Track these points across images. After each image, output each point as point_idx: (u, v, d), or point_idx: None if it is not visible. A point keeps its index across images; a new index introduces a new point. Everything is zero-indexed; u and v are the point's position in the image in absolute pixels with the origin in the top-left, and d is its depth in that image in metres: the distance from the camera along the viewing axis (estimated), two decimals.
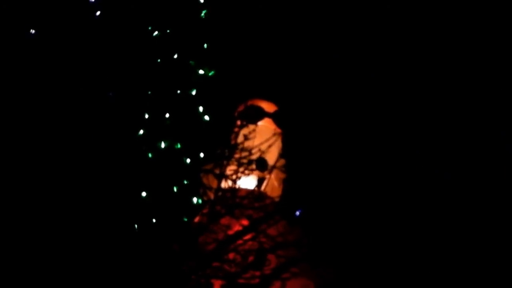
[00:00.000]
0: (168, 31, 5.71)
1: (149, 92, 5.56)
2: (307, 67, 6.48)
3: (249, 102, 5.80)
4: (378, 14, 7.41)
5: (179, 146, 5.31)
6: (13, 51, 5.63)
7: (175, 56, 5.83)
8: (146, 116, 5.59)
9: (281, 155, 5.37)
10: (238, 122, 5.38)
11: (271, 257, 4.81)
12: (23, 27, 5.69)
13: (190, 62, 5.82)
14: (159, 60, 5.72)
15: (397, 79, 7.29)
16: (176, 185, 5.21)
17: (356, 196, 6.05)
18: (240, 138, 5.20)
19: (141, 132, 5.50)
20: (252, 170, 5.26)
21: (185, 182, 5.26)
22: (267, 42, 6.42)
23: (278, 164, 5.29)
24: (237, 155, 5.06)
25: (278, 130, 5.77)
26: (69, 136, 5.36)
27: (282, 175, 5.64)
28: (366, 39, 7.28)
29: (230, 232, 4.93)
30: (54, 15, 5.59)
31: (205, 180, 5.21)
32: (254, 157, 5.13)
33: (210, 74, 5.73)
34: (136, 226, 5.34)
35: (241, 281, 4.97)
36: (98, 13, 5.72)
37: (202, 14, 5.81)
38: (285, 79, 6.07)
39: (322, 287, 5.37)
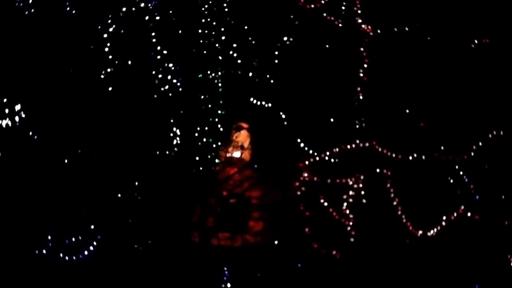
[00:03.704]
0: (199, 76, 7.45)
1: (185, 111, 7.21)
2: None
3: (238, 123, 7.89)
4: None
5: (210, 140, 7.53)
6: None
7: (220, 90, 7.38)
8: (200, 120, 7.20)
9: (250, 143, 7.90)
10: (233, 130, 7.86)
11: (245, 183, 7.36)
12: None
13: (220, 111, 7.46)
14: (203, 97, 7.44)
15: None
16: (209, 155, 7.55)
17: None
18: (234, 137, 7.86)
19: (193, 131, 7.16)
20: (238, 149, 7.85)
21: (212, 154, 7.65)
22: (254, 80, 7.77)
23: (248, 147, 7.81)
24: (233, 143, 7.80)
25: (249, 134, 7.90)
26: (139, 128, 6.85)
27: (250, 151, 7.86)
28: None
29: (230, 173, 7.57)
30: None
31: (220, 153, 7.78)
32: (239, 144, 7.78)
33: (222, 112, 7.46)
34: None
35: (232, 201, 7.32)
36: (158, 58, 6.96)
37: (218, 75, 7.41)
38: (256, 110, 7.73)
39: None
